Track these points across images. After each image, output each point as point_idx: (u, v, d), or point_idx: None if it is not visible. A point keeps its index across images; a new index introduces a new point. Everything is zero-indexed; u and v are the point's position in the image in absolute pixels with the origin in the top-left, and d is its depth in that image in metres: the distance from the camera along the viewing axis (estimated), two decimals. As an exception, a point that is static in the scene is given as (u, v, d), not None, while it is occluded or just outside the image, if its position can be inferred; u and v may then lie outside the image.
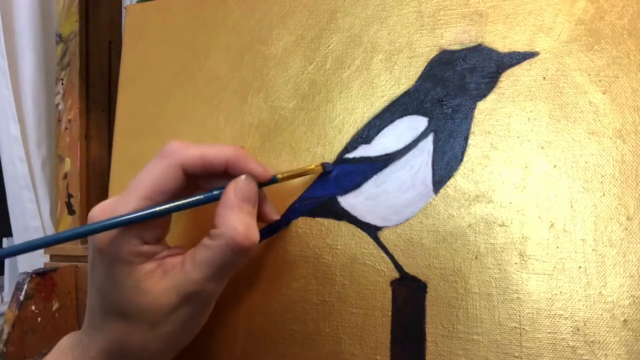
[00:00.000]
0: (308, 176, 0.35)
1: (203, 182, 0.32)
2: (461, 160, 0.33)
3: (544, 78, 0.32)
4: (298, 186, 0.35)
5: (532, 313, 0.30)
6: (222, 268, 0.29)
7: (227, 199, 0.29)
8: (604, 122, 0.31)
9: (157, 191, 0.29)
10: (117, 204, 0.29)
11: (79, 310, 0.50)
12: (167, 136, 0.40)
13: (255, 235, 0.29)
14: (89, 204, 0.55)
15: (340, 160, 0.35)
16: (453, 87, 0.34)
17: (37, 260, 0.69)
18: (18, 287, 0.46)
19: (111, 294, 0.29)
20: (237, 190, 0.29)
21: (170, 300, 0.28)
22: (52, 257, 0.53)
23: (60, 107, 0.55)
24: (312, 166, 0.34)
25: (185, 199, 0.30)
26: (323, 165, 0.35)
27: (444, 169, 0.33)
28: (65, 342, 0.31)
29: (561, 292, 0.29)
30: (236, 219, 0.29)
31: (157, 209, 0.29)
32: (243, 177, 0.30)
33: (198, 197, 0.30)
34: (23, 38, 0.73)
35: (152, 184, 0.29)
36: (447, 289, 0.31)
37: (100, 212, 0.29)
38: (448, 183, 0.33)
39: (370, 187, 0.34)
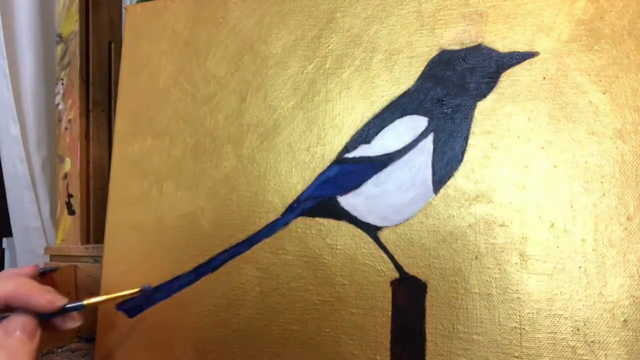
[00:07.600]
0: (307, 176, 0.35)
1: None
2: (461, 160, 0.33)
3: (544, 78, 0.32)
4: (296, 186, 0.35)
5: (532, 313, 0.30)
6: None
7: None
8: (604, 122, 0.30)
9: None
10: None
11: (79, 310, 0.50)
12: (167, 136, 0.41)
13: None
14: (89, 204, 0.55)
15: (340, 160, 0.35)
16: (453, 87, 0.34)
17: (38, 260, 0.69)
18: (18, 287, 0.46)
19: None
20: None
21: None
22: (53, 257, 0.53)
23: (60, 107, 0.55)
24: (129, 291, 0.35)
25: None
26: (142, 288, 0.36)
27: (444, 169, 0.33)
28: None
29: (561, 292, 0.29)
30: None
31: None
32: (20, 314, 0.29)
33: None
34: (23, 38, 0.73)
35: None
36: (447, 289, 0.31)
37: None
38: (448, 183, 0.32)
39: (370, 187, 0.34)
